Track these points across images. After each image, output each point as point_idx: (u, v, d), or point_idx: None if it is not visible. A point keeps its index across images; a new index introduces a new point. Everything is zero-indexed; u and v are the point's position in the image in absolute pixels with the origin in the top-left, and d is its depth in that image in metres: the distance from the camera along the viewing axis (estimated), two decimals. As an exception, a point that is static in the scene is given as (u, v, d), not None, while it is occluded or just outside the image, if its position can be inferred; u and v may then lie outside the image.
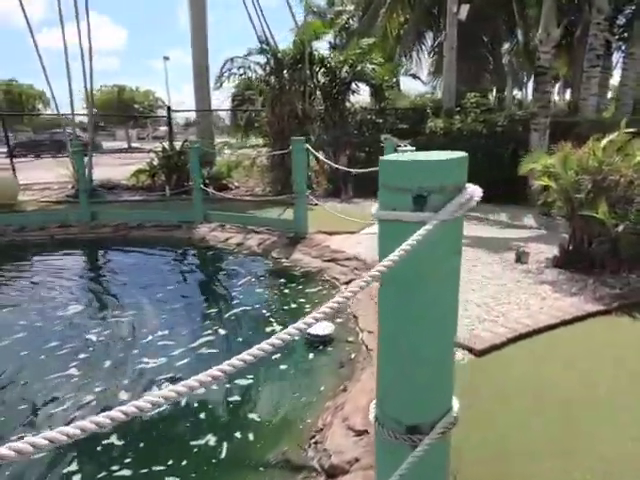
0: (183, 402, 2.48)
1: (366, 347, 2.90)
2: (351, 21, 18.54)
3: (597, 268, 4.08)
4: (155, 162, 9.56)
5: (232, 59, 8.64)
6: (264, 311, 3.68)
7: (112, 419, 0.57)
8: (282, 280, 4.35)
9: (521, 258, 4.50)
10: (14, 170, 10.21)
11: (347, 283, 4.11)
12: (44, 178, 10.51)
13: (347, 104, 9.13)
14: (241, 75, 8.71)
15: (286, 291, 4.10)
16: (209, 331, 3.34)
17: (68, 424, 0.56)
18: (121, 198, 9.04)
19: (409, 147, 5.06)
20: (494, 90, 14.82)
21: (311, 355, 2.94)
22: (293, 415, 2.34)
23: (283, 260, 5.05)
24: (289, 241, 5.48)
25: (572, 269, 4.18)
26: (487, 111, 8.09)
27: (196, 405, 2.47)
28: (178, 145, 9.92)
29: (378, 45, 12.71)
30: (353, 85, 9.05)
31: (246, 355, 0.65)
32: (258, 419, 2.35)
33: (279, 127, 8.72)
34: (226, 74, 8.89)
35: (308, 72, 8.78)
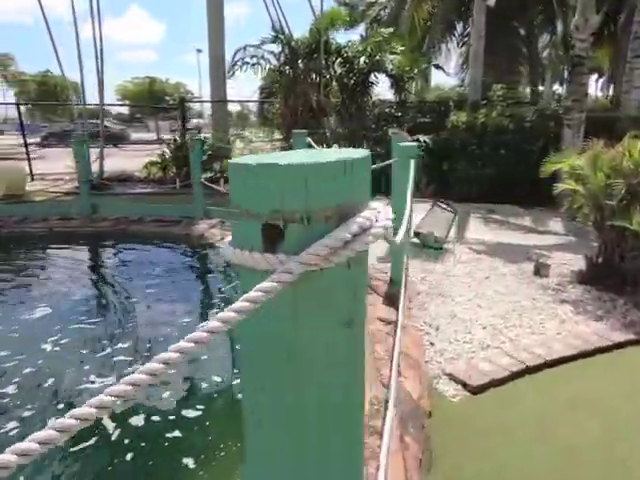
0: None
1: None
2: (382, 12, 17.89)
3: (629, 286, 3.52)
4: (167, 154, 9.34)
5: (244, 48, 8.29)
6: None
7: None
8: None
9: (540, 270, 3.97)
10: (29, 160, 10.23)
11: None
12: (68, 167, 10.44)
13: (365, 96, 8.64)
14: (254, 65, 8.35)
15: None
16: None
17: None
18: (129, 190, 8.86)
19: (409, 139, 4.60)
20: (528, 83, 13.95)
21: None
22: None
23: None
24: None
25: (600, 286, 3.63)
26: (515, 105, 7.45)
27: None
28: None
29: (401, 35, 12.15)
30: (372, 76, 8.54)
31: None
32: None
33: (292, 120, 8.33)
34: (239, 63, 8.55)
35: (324, 62, 8.34)
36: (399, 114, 8.57)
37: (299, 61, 8.28)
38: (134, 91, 35.75)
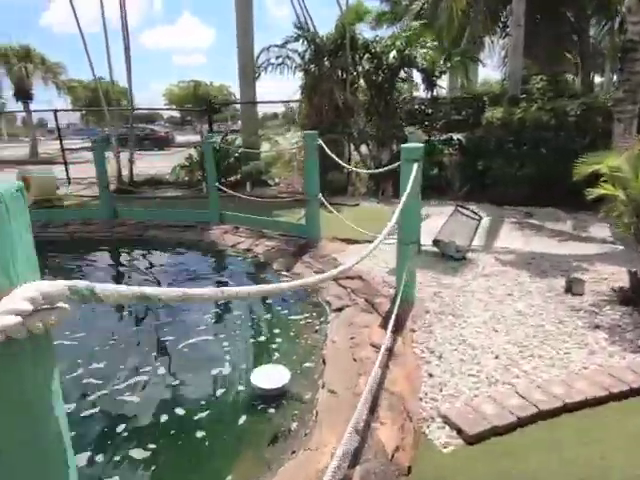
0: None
1: (315, 414, 2.17)
2: (426, 6, 17.22)
3: (680, 310, 2.97)
4: (194, 157, 9.32)
5: (268, 48, 8.08)
6: (217, 346, 3.01)
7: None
8: (267, 300, 3.70)
9: (573, 287, 3.46)
10: (66, 164, 10.56)
11: (338, 310, 3.36)
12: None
13: (394, 93, 8.19)
14: (279, 65, 8.12)
15: (267, 316, 3.44)
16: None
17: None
18: (156, 194, 8.91)
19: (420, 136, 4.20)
20: (580, 74, 12.89)
21: (243, 420, 2.25)
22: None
23: (282, 272, 4.40)
24: (297, 250, 4.81)
25: (644, 309, 3.09)
26: (558, 98, 6.78)
27: None
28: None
29: (440, 28, 11.55)
30: (401, 72, 8.10)
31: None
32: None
33: (317, 120, 8.03)
34: (264, 64, 8.36)
35: (350, 59, 7.99)
36: (430, 111, 8.07)
37: (324, 59, 7.96)
38: (180, 94, 36.76)
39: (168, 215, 6.40)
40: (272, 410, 2.26)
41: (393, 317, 2.62)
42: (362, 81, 8.24)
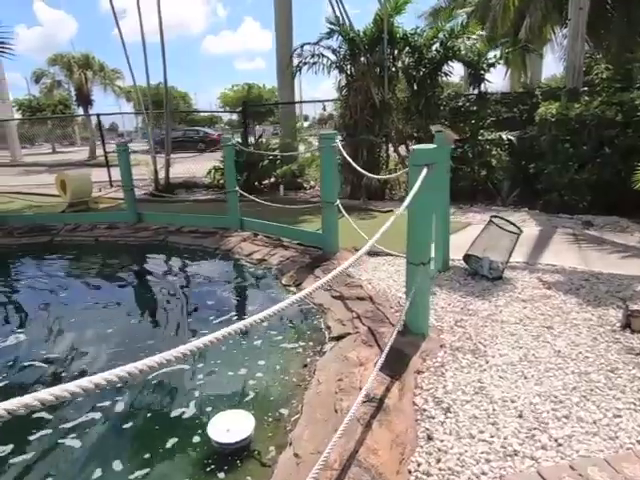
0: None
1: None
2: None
3: None
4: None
5: (302, 46, 7.71)
6: (188, 379, 2.62)
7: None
8: (264, 324, 3.28)
9: (633, 322, 2.77)
10: (108, 165, 10.78)
11: (337, 339, 2.89)
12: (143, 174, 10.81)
13: (436, 89, 7.54)
14: (313, 64, 7.72)
15: (256, 342, 3.03)
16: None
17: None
18: (188, 197, 8.82)
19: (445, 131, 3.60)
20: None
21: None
22: None
23: (290, 287, 3.98)
24: (310, 262, 4.38)
25: None
26: (626, 90, 5.86)
27: None
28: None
29: (494, 19, 10.68)
30: (445, 66, 7.43)
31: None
32: None
33: (352, 119, 7.56)
34: (301, 63, 7.99)
35: (388, 53, 7.45)
36: (474, 108, 7.33)
37: (360, 55, 7.47)
38: (233, 97, 37.39)
39: (190, 220, 6.19)
40: (222, 474, 1.84)
41: (383, 356, 2.13)
42: (401, 76, 7.66)
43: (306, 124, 18.21)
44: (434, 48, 7.39)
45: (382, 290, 3.62)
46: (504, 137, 7.17)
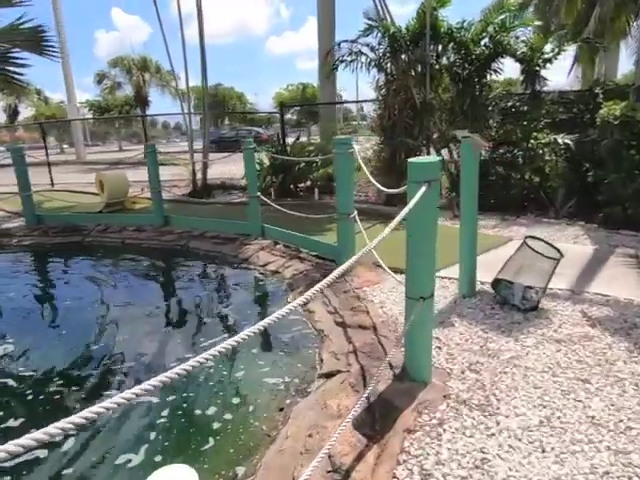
0: None
1: None
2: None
3: None
4: (264, 161, 8.95)
5: (339, 44, 7.34)
6: (145, 421, 2.33)
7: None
8: (254, 351, 2.97)
9: (697, 385, 2.18)
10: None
11: (327, 376, 2.52)
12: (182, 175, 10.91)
13: (484, 88, 6.90)
14: (351, 62, 7.33)
15: (237, 373, 2.71)
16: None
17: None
18: (222, 200, 8.73)
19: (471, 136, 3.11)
20: None
21: None
22: None
23: (296, 306, 3.64)
24: (323, 277, 4.01)
25: None
26: None
27: None
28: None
29: (557, 11, 9.76)
30: (494, 63, 6.76)
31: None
32: None
33: (390, 121, 7.10)
34: (338, 61, 7.63)
35: (431, 49, 6.91)
36: (525, 108, 6.62)
37: (401, 52, 6.98)
38: (288, 97, 37.64)
39: (214, 225, 6.03)
40: None
41: (359, 409, 1.75)
42: (445, 75, 7.08)
43: (365, 123, 17.72)
44: (482, 43, 6.76)
45: (393, 317, 3.19)
46: (560, 141, 6.41)
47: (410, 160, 2.06)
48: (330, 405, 2.15)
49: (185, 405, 2.38)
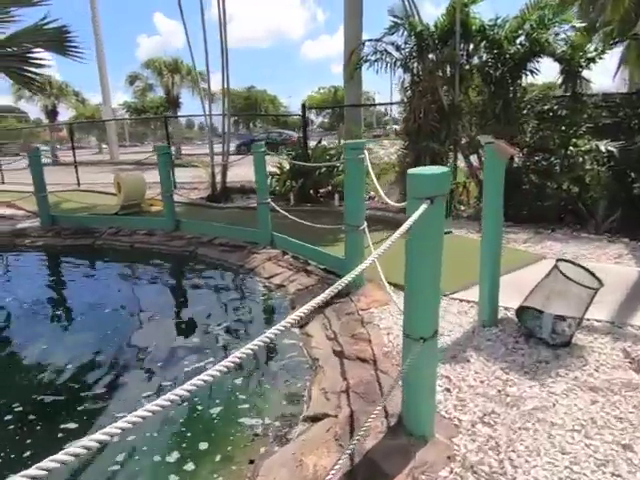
0: None
1: None
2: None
3: None
4: (284, 165, 8.67)
5: (363, 43, 6.97)
6: (104, 467, 2.01)
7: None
8: (238, 381, 2.63)
9: None
10: (173, 166, 10.84)
11: (312, 420, 2.16)
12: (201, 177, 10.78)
13: (518, 90, 6.37)
14: (375, 61, 6.94)
15: (214, 409, 2.38)
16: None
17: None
18: (239, 204, 8.49)
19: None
20: None
21: None
22: None
23: (293, 332, 3.29)
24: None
25: None
26: None
27: None
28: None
29: (603, 6, 9.06)
30: (530, 63, 6.23)
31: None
32: None
33: (415, 124, 6.67)
34: (362, 61, 7.27)
35: (462, 48, 6.45)
36: (564, 112, 6.05)
37: (429, 51, 6.55)
38: (319, 100, 37.55)
39: (223, 231, 5.76)
40: None
41: (332, 474, 1.38)
42: (476, 75, 6.60)
43: (396, 127, 17.23)
44: (518, 42, 6.24)
45: (399, 347, 2.78)
46: (602, 148, 5.81)
47: (410, 171, 1.67)
48: (306, 463, 1.79)
49: (146, 448, 2.07)
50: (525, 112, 6.49)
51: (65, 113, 32.23)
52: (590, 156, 6.12)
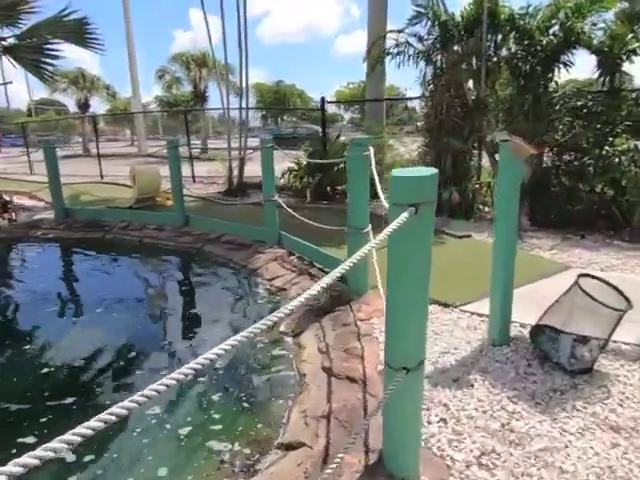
0: None
1: None
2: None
3: None
4: (302, 161, 8.44)
5: (384, 35, 6.64)
6: None
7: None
8: (215, 397, 2.41)
9: None
10: (192, 159, 10.80)
11: (286, 448, 1.92)
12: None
13: (549, 84, 5.92)
14: (397, 54, 6.60)
15: (184, 429, 2.17)
16: None
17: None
18: (252, 199, 8.31)
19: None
20: None
21: None
22: None
23: (287, 338, 3.07)
24: (327, 302, 3.42)
25: None
26: None
27: None
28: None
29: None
30: (563, 56, 5.78)
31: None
32: None
33: (437, 120, 6.32)
34: (384, 54, 6.95)
35: (489, 39, 6.05)
36: (600, 109, 5.57)
37: (454, 42, 6.17)
38: (348, 95, 37.06)
39: (232, 228, 5.58)
40: None
41: None
42: (504, 67, 6.18)
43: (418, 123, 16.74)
44: (551, 32, 5.80)
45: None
46: (641, 147, 5.34)
47: (394, 172, 1.41)
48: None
49: (100, 473, 1.88)
50: (557, 108, 6.04)
51: (99, 106, 32.98)
52: (628, 157, 5.65)
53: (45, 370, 2.75)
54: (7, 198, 7.38)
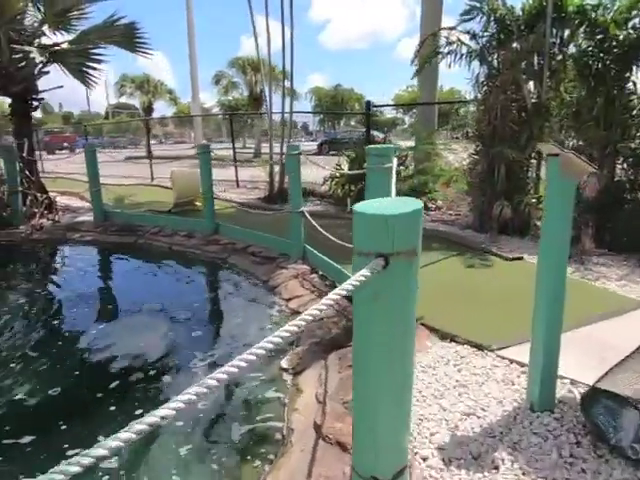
0: None
1: None
2: None
3: None
4: (343, 168, 8.03)
5: (435, 34, 6.07)
6: None
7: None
8: (183, 451, 2.06)
9: None
10: (236, 164, 10.71)
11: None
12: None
13: (624, 86, 5.11)
14: (448, 53, 6.03)
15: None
16: None
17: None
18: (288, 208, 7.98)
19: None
20: None
21: None
22: None
23: (285, 376, 2.67)
24: (337, 334, 2.99)
25: None
26: None
27: None
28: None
29: None
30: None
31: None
32: None
33: (490, 125, 5.68)
34: (433, 54, 6.39)
35: (554, 34, 5.35)
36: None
37: (512, 39, 5.51)
38: (407, 98, 36.14)
39: (259, 239, 5.29)
40: None
41: None
42: (571, 66, 5.43)
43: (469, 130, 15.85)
44: (630, 25, 5.00)
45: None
46: None
47: (356, 207, 0.98)
48: None
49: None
50: (635, 113, 5.21)
51: (164, 109, 34.43)
52: None
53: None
54: (52, 198, 7.56)
